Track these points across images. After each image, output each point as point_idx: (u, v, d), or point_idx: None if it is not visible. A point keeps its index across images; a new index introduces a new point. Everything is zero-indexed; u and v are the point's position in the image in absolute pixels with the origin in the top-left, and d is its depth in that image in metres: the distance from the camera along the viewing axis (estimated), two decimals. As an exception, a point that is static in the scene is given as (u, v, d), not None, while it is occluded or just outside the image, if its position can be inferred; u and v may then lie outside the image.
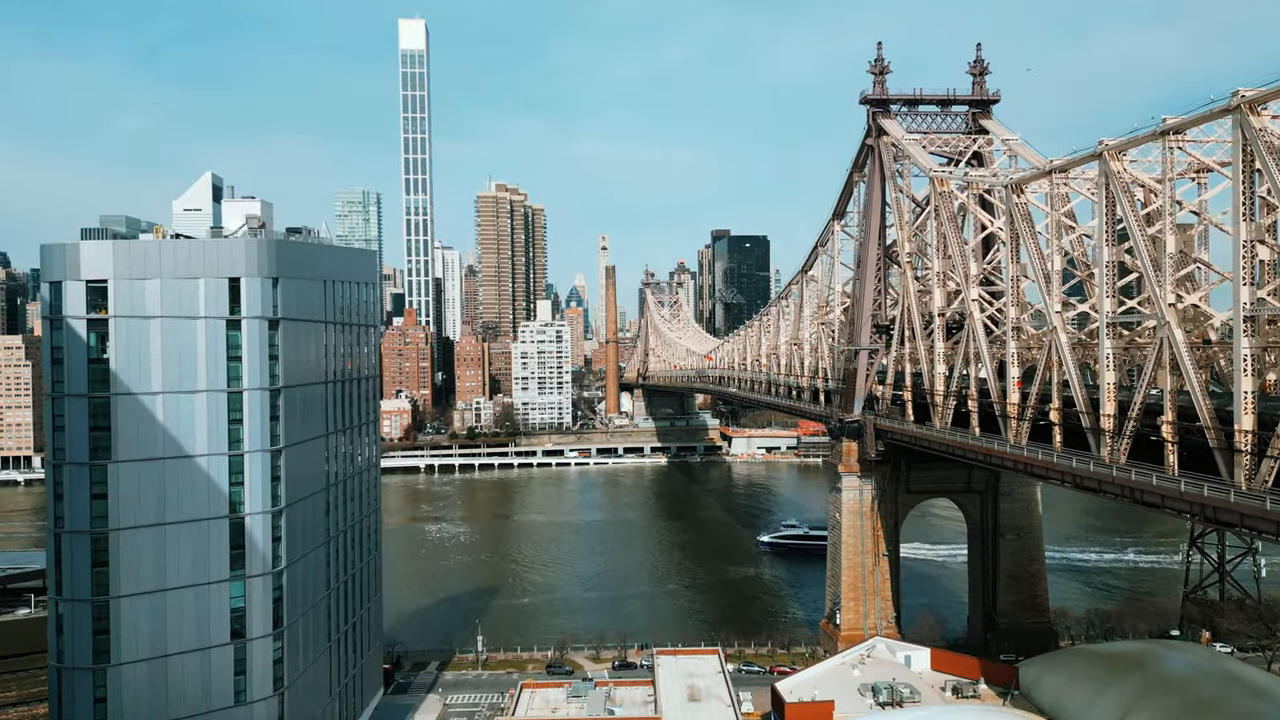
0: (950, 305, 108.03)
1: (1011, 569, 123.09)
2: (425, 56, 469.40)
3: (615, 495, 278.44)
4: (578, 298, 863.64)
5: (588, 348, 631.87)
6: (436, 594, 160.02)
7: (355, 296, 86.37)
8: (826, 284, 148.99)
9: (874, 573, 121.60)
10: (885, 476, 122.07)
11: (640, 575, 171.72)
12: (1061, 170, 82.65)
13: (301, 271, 72.76)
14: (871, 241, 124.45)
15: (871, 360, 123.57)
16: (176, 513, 63.97)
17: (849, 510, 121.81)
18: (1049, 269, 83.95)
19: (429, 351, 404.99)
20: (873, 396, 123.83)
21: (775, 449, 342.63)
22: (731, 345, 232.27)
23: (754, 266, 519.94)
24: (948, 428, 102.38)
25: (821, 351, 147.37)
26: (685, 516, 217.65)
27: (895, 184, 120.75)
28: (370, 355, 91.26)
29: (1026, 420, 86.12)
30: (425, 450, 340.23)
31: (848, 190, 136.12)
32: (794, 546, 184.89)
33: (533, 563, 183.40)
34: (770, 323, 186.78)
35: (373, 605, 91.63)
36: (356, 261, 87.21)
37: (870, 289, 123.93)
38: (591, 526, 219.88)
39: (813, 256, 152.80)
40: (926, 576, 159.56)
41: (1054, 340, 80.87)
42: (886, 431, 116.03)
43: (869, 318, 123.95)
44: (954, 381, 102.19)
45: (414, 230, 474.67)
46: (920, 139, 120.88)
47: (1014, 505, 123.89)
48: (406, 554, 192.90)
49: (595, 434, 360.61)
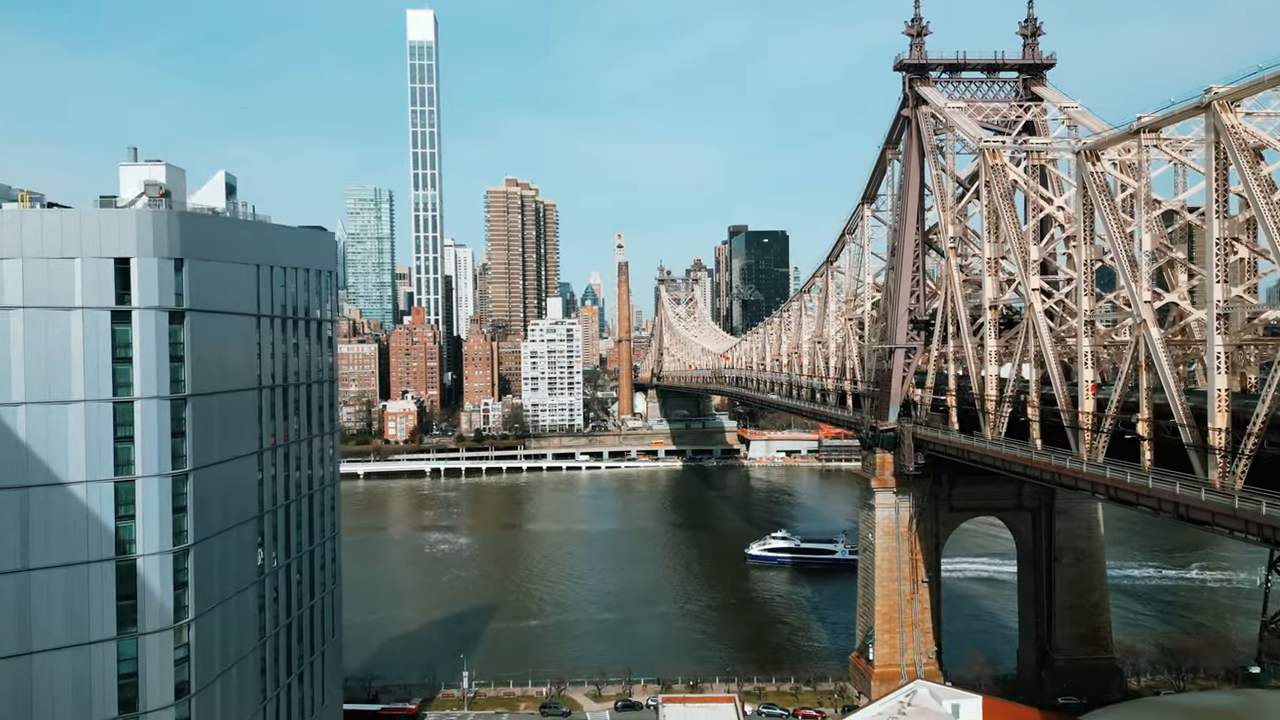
0: (1003, 296, 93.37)
1: (1069, 598, 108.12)
2: (434, 48, 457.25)
3: (628, 502, 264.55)
4: (593, 296, 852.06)
5: (603, 346, 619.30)
6: (432, 613, 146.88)
7: (304, 285, 73.03)
8: (855, 276, 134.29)
9: (912, 601, 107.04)
10: (924, 492, 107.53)
11: (655, 593, 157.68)
12: (1153, 129, 67.87)
13: (220, 252, 59.29)
14: (908, 226, 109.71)
15: (909, 360, 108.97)
16: (45, 555, 50.64)
17: (883, 530, 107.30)
18: (1134, 251, 69.25)
19: (438, 351, 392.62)
20: (910, 401, 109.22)
21: (795, 452, 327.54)
22: (749, 344, 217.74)
23: (772, 262, 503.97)
24: (1001, 439, 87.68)
25: (849, 350, 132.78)
26: (702, 526, 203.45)
27: (936, 159, 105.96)
28: (325, 355, 77.89)
29: (1105, 433, 71.47)
30: (431, 453, 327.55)
31: (879, 170, 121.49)
32: (784, 561, 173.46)
33: (541, 578, 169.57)
34: (791, 319, 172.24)
35: (329, 649, 78.19)
36: (304, 243, 73.74)
37: (907, 280, 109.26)
38: (604, 537, 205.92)
39: (839, 245, 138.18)
40: (968, 598, 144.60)
41: (1144, 337, 66.13)
42: (927, 442, 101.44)
43: (905, 312, 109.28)
44: (1009, 385, 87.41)
45: (423, 226, 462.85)
46: (964, 109, 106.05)
47: (1072, 525, 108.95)
48: (403, 567, 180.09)
49: (607, 436, 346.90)
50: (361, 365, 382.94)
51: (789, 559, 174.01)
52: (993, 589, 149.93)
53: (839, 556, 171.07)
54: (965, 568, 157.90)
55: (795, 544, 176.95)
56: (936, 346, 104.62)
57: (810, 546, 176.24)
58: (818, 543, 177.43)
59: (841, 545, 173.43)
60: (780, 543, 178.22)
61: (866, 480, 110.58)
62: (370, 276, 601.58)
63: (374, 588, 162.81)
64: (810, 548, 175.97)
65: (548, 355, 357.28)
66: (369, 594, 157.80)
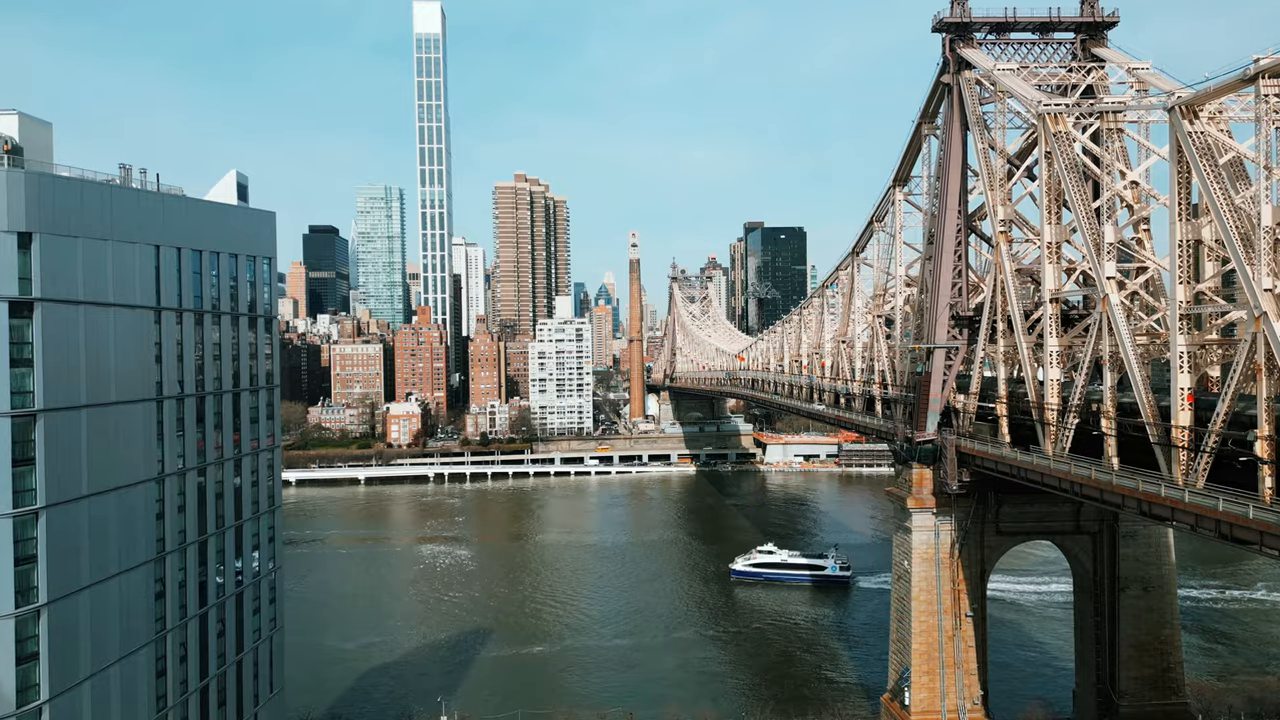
0: (1066, 287, 79.52)
1: (1136, 635, 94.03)
2: (441, 41, 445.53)
3: (640, 511, 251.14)
4: (607, 295, 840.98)
5: (616, 346, 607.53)
6: (430, 638, 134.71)
7: (231, 273, 60.42)
8: (884, 268, 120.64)
9: (954, 638, 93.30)
10: (968, 513, 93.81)
11: (669, 616, 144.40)
12: (1276, 74, 54.01)
13: (92, 227, 46.64)
14: (949, 209, 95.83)
15: (950, 362, 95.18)
16: None
17: (921, 557, 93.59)
18: (1249, 228, 55.47)
19: (444, 352, 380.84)
20: (950, 409, 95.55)
21: (814, 457, 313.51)
22: (766, 344, 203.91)
23: (790, 260, 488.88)
24: (1065, 454, 73.99)
25: (878, 350, 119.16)
26: (719, 538, 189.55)
27: (982, 131, 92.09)
28: (262, 357, 65.24)
29: (1207, 452, 57.73)
30: (435, 457, 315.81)
31: (914, 148, 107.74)
32: (771, 577, 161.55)
33: (549, 597, 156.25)
34: (811, 317, 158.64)
35: (266, 711, 65.38)
36: (231, 222, 61.08)
37: (948, 270, 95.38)
38: (616, 550, 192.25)
39: (866, 234, 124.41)
40: (1014, 625, 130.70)
41: (1267, 334, 52.39)
42: (974, 457, 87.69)
43: (946, 308, 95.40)
44: (1075, 392, 73.57)
45: (430, 224, 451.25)
46: (1014, 74, 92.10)
47: (1139, 551, 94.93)
48: (402, 585, 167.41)
49: (618, 440, 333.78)
50: (366, 366, 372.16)
51: (776, 575, 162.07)
52: (1042, 615, 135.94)
53: (829, 573, 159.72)
54: (1009, 588, 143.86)
55: (783, 559, 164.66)
56: (982, 346, 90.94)
57: (799, 562, 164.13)
58: (808, 557, 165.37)
59: (832, 561, 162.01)
60: (766, 557, 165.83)
61: (901, 499, 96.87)
62: (381, 276, 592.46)
63: (367, 609, 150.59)
64: (799, 563, 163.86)
65: (556, 356, 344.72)
66: (361, 616, 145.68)
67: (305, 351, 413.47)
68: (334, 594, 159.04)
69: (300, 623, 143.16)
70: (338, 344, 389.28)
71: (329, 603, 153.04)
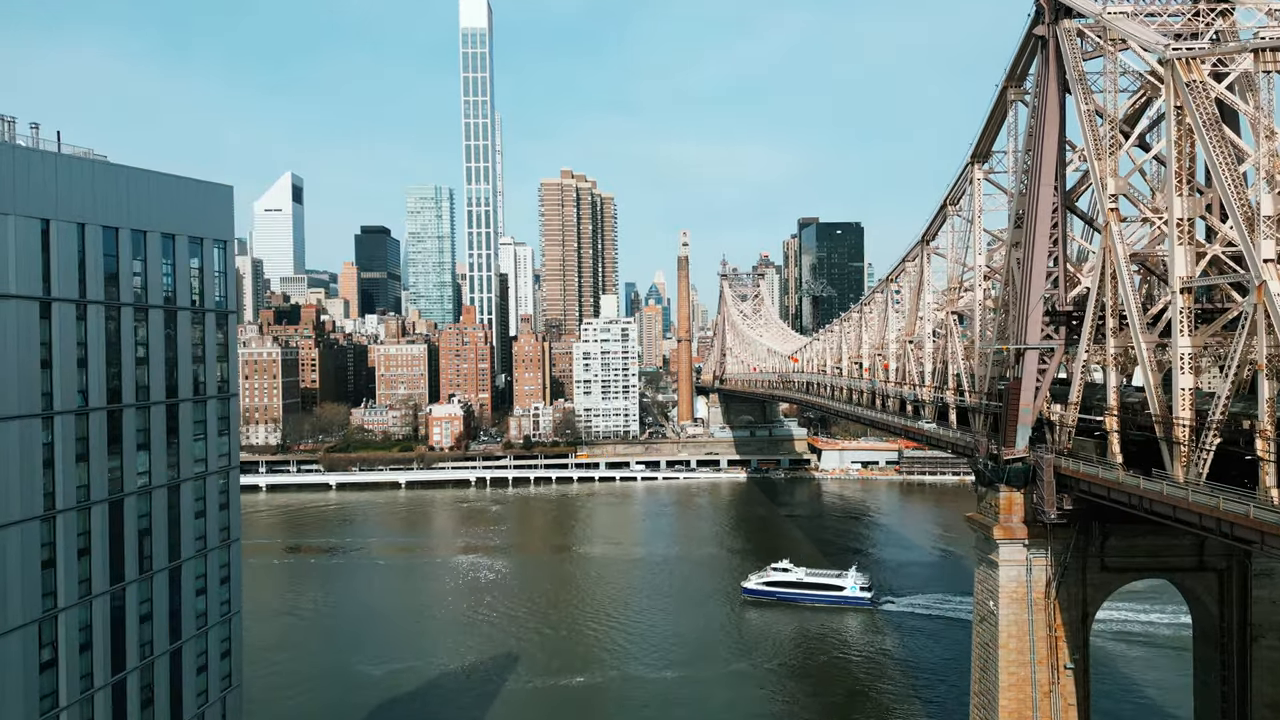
0: (1199, 272, 64.42)
1: (1273, 694, 78.15)
2: (487, 36, 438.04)
3: (689, 521, 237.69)
4: (657, 295, 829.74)
5: (667, 347, 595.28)
6: (463, 662, 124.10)
7: (165, 257, 49.17)
8: (959, 258, 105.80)
9: (1050, 695, 78.50)
10: (1068, 546, 78.87)
11: (724, 645, 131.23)
12: None
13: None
14: (1042, 184, 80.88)
15: (1044, 366, 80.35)
16: None
17: (1010, 597, 78.98)
18: None
19: (489, 352, 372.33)
20: (1044, 421, 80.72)
21: (873, 464, 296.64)
22: (822, 344, 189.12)
23: (846, 256, 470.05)
24: (1201, 481, 59.05)
25: (952, 352, 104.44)
26: (773, 552, 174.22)
27: (1085, 91, 77.08)
28: (213, 361, 53.96)
29: None
30: (477, 461, 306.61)
31: (997, 116, 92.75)
32: (785, 597, 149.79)
33: (593, 618, 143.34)
34: (874, 314, 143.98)
35: (214, 786, 54.06)
36: (160, 195, 49.71)
37: (1042, 257, 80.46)
38: (664, 565, 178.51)
39: (938, 219, 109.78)
40: (1114, 665, 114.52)
41: None
42: (1079, 480, 72.88)
43: (1040, 301, 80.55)
44: (1217, 405, 58.54)
45: (476, 222, 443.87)
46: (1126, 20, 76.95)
47: (1277, 593, 79.05)
48: (437, 601, 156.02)
49: (665, 444, 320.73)
50: (410, 367, 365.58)
51: (790, 595, 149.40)
52: (1150, 653, 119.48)
53: (848, 594, 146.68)
54: (1105, 615, 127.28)
55: (798, 577, 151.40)
56: (1086, 346, 75.96)
57: (815, 581, 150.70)
58: (824, 576, 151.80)
59: (851, 581, 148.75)
60: (781, 575, 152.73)
61: (984, 527, 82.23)
62: (431, 276, 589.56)
63: (400, 628, 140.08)
64: (815, 582, 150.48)
65: (601, 356, 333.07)
66: (394, 637, 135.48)
67: (352, 352, 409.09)
68: (368, 610, 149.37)
69: (330, 643, 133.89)
70: (382, 344, 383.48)
71: (364, 619, 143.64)
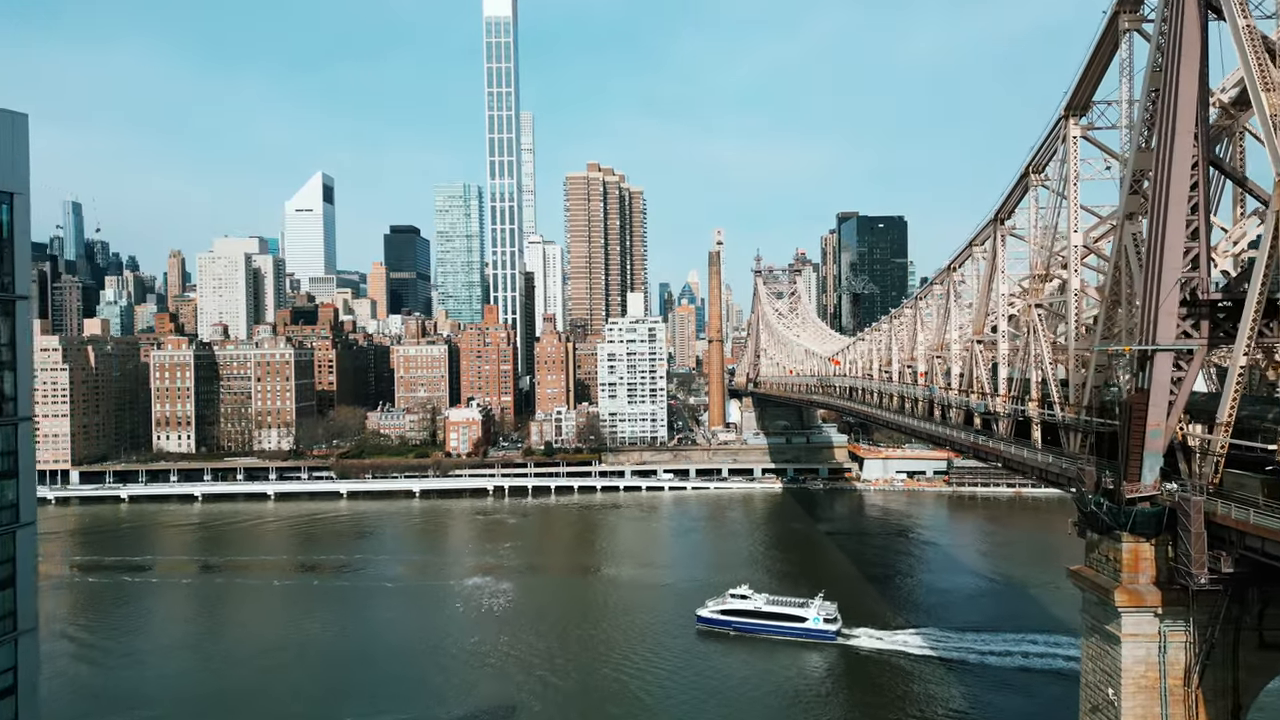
0: None
1: None
2: (511, 25, 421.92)
3: (720, 538, 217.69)
4: (690, 294, 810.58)
5: (699, 347, 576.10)
6: (465, 712, 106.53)
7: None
8: (1045, 240, 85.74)
9: (1190, 815, 58.58)
10: (1215, 617, 58.89)
11: (761, 695, 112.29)
12: None
13: None
14: (1177, 134, 60.81)
15: (1182, 372, 60.34)
16: None
17: (1137, 684, 59.09)
18: None
19: (511, 353, 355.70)
20: (1178, 446, 60.78)
21: (919, 474, 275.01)
22: (868, 344, 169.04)
23: (889, 252, 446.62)
24: None
25: (1037, 354, 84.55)
26: (813, 579, 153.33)
27: (1237, 13, 57.09)
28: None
29: None
30: (496, 469, 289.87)
31: (1104, 52, 72.53)
32: (741, 627, 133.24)
33: (619, 662, 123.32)
34: (932, 310, 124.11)
35: None
36: None
37: (1178, 229, 60.36)
38: (694, 593, 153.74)
39: (1018, 189, 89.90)
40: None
41: None
42: (1243, 534, 52.96)
43: (1175, 287, 60.51)
44: None
45: (500, 218, 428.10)
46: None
47: None
48: (445, 634, 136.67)
49: (695, 451, 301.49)
50: (430, 369, 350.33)
51: (746, 625, 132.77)
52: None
53: (810, 627, 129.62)
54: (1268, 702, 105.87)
55: (757, 605, 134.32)
56: (1244, 347, 56.06)
57: (775, 611, 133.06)
58: (786, 606, 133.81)
59: (815, 611, 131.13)
60: (739, 602, 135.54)
61: (1100, 590, 62.24)
62: (459, 276, 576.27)
63: (396, 673, 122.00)
64: (774, 612, 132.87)
65: (627, 358, 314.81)
66: (386, 682, 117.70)
67: (373, 353, 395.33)
68: (363, 649, 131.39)
69: (314, 687, 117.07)
70: (402, 345, 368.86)
71: (357, 660, 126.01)
